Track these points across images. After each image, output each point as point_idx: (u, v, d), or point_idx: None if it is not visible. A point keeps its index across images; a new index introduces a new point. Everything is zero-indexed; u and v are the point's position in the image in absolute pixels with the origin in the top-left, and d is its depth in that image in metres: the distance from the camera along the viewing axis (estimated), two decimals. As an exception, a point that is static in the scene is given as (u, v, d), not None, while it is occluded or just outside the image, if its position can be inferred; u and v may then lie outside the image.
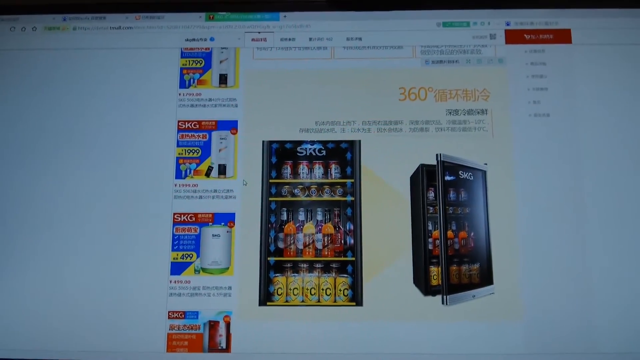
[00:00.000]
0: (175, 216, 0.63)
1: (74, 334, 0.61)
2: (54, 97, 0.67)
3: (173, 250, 0.63)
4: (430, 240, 0.63)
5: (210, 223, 0.63)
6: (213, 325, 0.61)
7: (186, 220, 0.63)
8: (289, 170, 0.65)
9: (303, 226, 0.65)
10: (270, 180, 0.65)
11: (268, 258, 0.63)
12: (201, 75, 0.67)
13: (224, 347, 0.61)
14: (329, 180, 0.65)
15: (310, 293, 0.62)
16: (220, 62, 0.67)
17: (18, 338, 0.61)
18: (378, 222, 0.63)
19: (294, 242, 0.64)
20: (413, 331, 0.60)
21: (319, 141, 0.65)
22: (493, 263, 0.62)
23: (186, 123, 0.66)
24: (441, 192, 0.63)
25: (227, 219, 0.63)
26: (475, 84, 0.66)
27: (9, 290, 0.62)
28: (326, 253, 0.64)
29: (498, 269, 0.62)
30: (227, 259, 0.62)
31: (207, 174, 0.64)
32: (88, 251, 0.63)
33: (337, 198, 0.65)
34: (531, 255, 0.62)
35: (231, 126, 0.66)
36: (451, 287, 0.62)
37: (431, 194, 0.64)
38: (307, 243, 0.64)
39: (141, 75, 0.67)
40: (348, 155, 0.65)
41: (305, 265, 0.63)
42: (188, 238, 0.63)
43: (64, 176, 0.64)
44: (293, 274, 0.63)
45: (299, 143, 0.65)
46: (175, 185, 0.64)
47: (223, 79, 0.67)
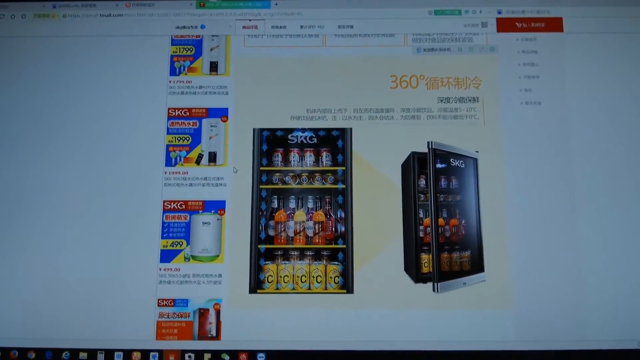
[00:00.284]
0: (165, 204, 0.63)
1: (62, 322, 0.61)
2: (43, 85, 0.66)
3: (163, 237, 0.62)
4: (421, 227, 0.63)
5: (200, 211, 0.63)
6: (203, 313, 0.61)
7: (176, 207, 0.63)
8: (280, 157, 0.65)
9: (294, 214, 0.64)
10: (261, 167, 0.64)
11: (258, 246, 0.63)
12: (192, 62, 0.67)
13: (214, 335, 0.60)
14: (320, 167, 0.65)
15: (300, 281, 0.62)
16: (210, 50, 0.67)
17: (6, 327, 0.61)
18: (369, 210, 0.63)
19: (285, 230, 0.64)
20: (404, 318, 0.60)
21: (310, 129, 0.65)
22: (484, 250, 0.62)
23: (176, 110, 0.65)
24: (432, 180, 0.63)
25: (218, 207, 0.63)
26: (466, 72, 0.66)
27: (-3, 278, 0.62)
28: (317, 241, 0.63)
29: (489, 257, 0.62)
30: (218, 247, 0.62)
31: (198, 162, 0.64)
32: (77, 239, 0.62)
33: (328, 186, 0.64)
34: (522, 242, 0.62)
35: (222, 114, 0.65)
36: (442, 275, 0.62)
37: (422, 182, 0.64)
38: (298, 231, 0.64)
39: (131, 62, 0.67)
40: (339, 142, 0.65)
41: (296, 252, 0.63)
42: (178, 226, 0.63)
43: (53, 163, 0.64)
44: (284, 262, 0.63)
45: (290, 130, 0.65)
46: (165, 172, 0.64)
47: (214, 67, 0.67)
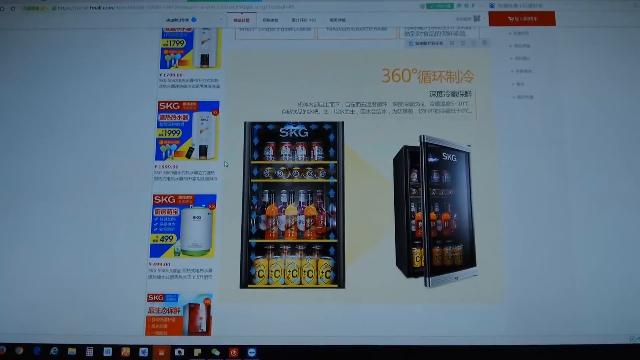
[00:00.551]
0: (155, 198, 0.62)
1: (51, 317, 0.60)
2: (32, 78, 0.65)
3: (153, 232, 0.62)
4: (413, 222, 0.63)
5: (190, 205, 0.62)
6: (193, 307, 0.60)
7: (166, 202, 0.62)
8: (271, 151, 0.65)
9: (285, 208, 0.64)
10: (252, 161, 0.64)
11: (249, 240, 0.62)
12: (182, 55, 0.66)
13: (204, 330, 0.60)
14: (312, 161, 0.64)
15: (292, 275, 0.62)
16: (202, 43, 0.66)
17: (-6, 322, 0.60)
18: (361, 204, 0.62)
19: (276, 224, 0.63)
20: (395, 313, 0.60)
21: (302, 122, 0.65)
22: (476, 245, 0.62)
23: (167, 104, 0.65)
24: (424, 174, 0.63)
25: (208, 201, 0.62)
26: (459, 66, 0.66)
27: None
28: (308, 235, 0.63)
29: (481, 251, 0.61)
30: (208, 241, 0.62)
31: (188, 155, 0.64)
32: (66, 233, 0.61)
33: (320, 180, 0.64)
34: (514, 237, 0.61)
35: (212, 107, 0.65)
36: (434, 269, 0.61)
37: (414, 176, 0.64)
38: (289, 225, 0.63)
39: (121, 55, 0.66)
40: (331, 136, 0.64)
41: (287, 247, 0.63)
42: (168, 220, 0.62)
43: (43, 157, 0.63)
44: (275, 256, 0.62)
45: (282, 124, 0.65)
46: (155, 166, 0.63)
47: (205, 60, 0.66)
